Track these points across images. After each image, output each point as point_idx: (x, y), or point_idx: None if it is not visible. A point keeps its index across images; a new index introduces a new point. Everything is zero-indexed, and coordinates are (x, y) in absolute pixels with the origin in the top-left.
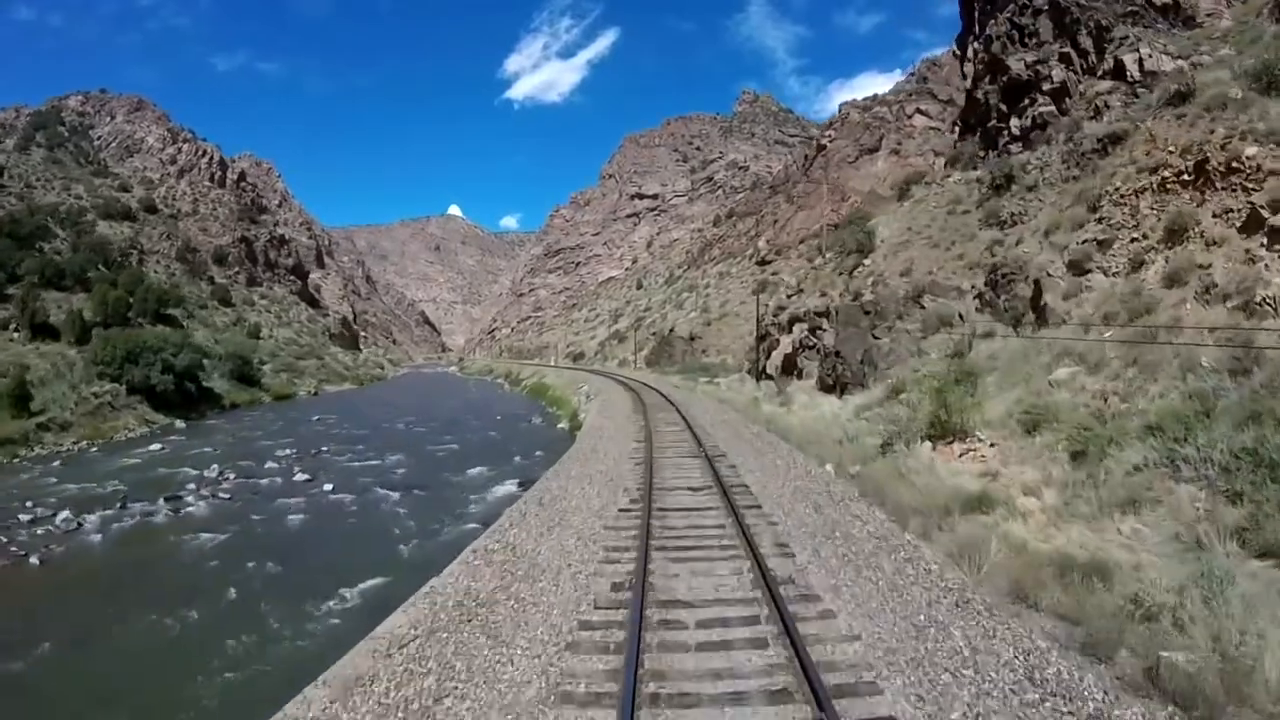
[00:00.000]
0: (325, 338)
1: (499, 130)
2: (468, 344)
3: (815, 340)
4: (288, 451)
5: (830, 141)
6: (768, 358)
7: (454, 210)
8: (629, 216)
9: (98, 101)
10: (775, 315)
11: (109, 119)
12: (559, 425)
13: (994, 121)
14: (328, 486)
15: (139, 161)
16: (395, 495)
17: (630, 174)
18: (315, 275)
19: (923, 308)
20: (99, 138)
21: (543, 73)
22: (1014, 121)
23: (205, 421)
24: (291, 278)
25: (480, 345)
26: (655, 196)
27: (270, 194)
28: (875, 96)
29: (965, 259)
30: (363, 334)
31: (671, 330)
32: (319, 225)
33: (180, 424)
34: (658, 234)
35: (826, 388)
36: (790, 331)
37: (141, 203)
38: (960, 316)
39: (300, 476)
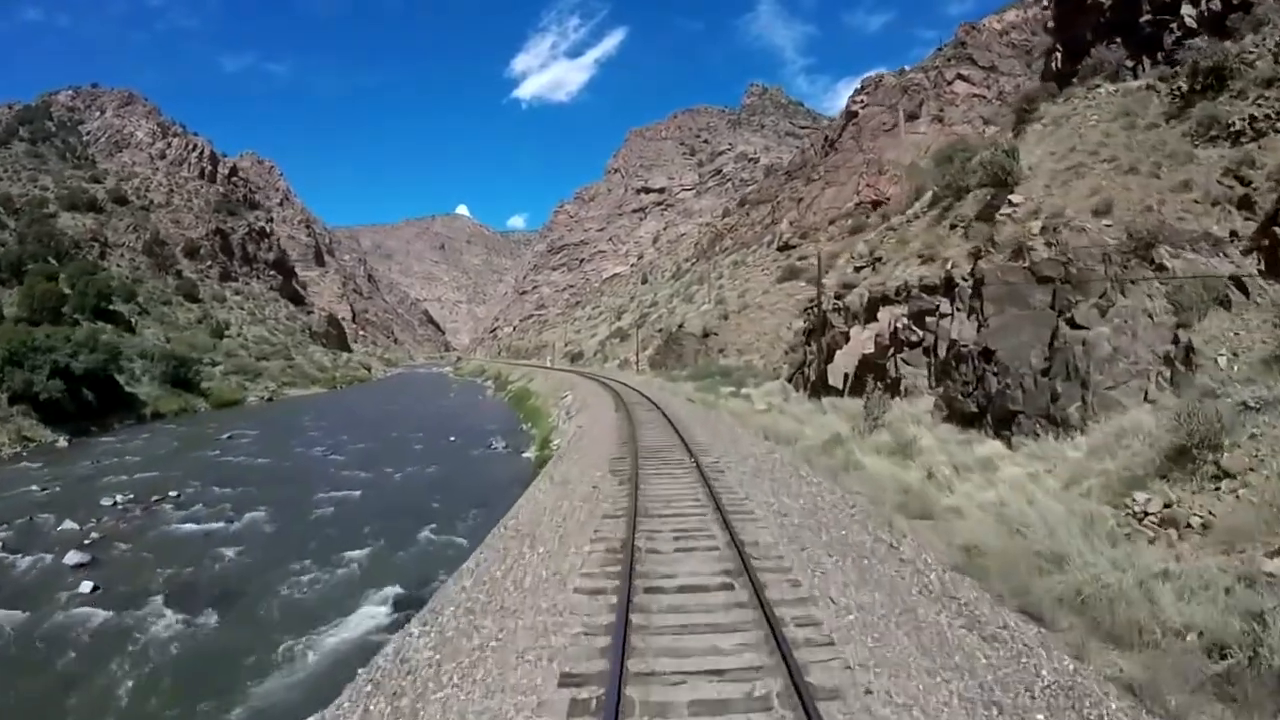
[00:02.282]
0: (304, 336)
1: (507, 130)
2: (472, 343)
3: (922, 333)
4: (119, 499)
5: (862, 108)
6: (828, 360)
7: (461, 210)
8: (634, 211)
9: (88, 96)
10: (839, 298)
11: (99, 114)
12: (524, 454)
13: (1147, 14)
14: (86, 585)
15: (128, 156)
16: (165, 623)
17: (636, 168)
18: (313, 273)
19: (1161, 269)
20: (88, 133)
21: (550, 72)
22: (1186, 9)
23: (100, 439)
24: (272, 272)
25: (482, 344)
26: (662, 190)
27: (272, 192)
28: (903, 70)
29: (1195, 189)
30: (361, 333)
31: (680, 326)
32: (321, 224)
33: (64, 442)
34: (664, 229)
35: (965, 419)
36: (871, 320)
37: (110, 193)
38: (1238, 285)
39: (75, 557)
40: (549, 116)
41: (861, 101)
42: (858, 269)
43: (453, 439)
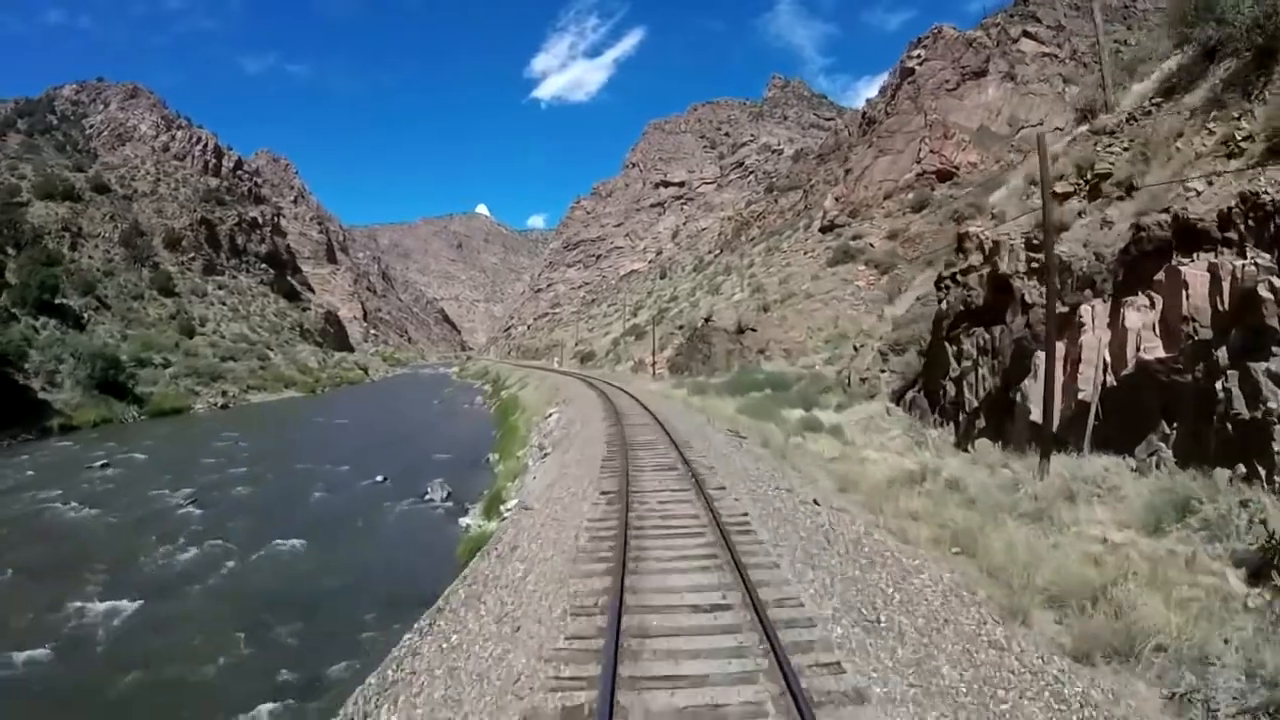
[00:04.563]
0: (294, 334)
1: (526, 130)
2: (488, 342)
3: None
4: None
5: (920, 64)
6: (1014, 375)
7: (481, 209)
8: (653, 206)
9: (93, 90)
10: (1034, 249)
11: (102, 107)
12: (463, 518)
13: None
14: None
15: (130, 149)
16: None
17: (655, 161)
18: (324, 270)
19: None
20: (91, 126)
21: (570, 72)
22: None
23: None
24: (264, 266)
25: (495, 344)
26: (681, 184)
27: (286, 190)
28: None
29: None
30: (373, 331)
31: (707, 320)
32: (336, 222)
33: None
34: (684, 223)
35: None
36: (1139, 288)
37: (90, 181)
38: None
39: None
40: (568, 116)
41: (919, 57)
42: (1060, 197)
43: (380, 479)
